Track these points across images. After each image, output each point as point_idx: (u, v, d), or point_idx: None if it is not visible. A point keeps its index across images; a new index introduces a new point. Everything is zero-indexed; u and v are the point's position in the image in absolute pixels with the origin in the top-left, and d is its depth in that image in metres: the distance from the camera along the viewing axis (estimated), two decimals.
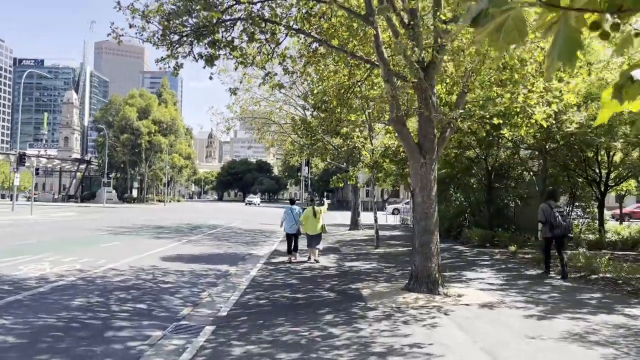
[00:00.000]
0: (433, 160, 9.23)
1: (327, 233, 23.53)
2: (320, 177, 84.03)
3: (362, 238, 21.53)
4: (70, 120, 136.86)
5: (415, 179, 9.24)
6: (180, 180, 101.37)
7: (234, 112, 26.55)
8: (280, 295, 9.31)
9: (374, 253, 15.86)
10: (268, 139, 27.93)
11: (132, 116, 73.51)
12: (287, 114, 27.02)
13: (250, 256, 15.84)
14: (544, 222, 10.99)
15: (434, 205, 9.16)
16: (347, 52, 10.05)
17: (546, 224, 10.95)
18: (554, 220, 10.81)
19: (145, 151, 75.39)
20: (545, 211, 11.02)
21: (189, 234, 22.78)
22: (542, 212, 11.09)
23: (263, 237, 22.56)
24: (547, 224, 10.94)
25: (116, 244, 17.34)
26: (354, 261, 13.98)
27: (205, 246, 18.02)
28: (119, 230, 23.17)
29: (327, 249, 17.14)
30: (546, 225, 10.95)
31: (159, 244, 17.84)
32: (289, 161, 36.69)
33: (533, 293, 9.07)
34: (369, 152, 16.98)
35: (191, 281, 11.08)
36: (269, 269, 12.60)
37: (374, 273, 11.84)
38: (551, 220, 10.83)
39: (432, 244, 9.03)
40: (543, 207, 11.15)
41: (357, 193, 25.57)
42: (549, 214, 10.89)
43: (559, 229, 10.85)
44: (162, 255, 15.07)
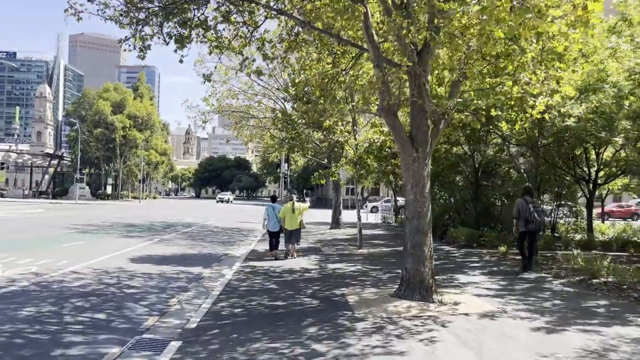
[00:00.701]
0: (426, 154, 8.40)
1: (308, 232, 22.72)
2: (299, 174, 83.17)
3: (344, 237, 20.70)
4: (43, 114, 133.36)
5: (407, 175, 8.40)
6: (157, 176, 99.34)
7: (210, 105, 25.48)
8: (258, 302, 8.39)
9: (358, 254, 15.03)
10: (246, 134, 26.87)
11: (106, 110, 71.42)
12: (267, 108, 26.02)
13: (226, 257, 14.87)
14: (518, 217, 11.37)
15: (427, 204, 8.34)
16: (333, 35, 9.17)
17: (520, 219, 11.29)
18: (528, 216, 11.17)
19: (119, 146, 73.41)
20: (521, 207, 11.34)
21: (162, 232, 21.65)
22: (517, 208, 11.46)
23: (240, 236, 21.57)
24: (521, 219, 11.27)
25: (81, 244, 16.17)
26: (337, 263, 13.12)
27: (178, 246, 16.97)
28: (87, 228, 21.90)
29: (308, 249, 16.27)
30: (520, 220, 11.29)
31: (128, 244, 16.72)
32: (268, 157, 35.72)
33: (535, 300, 8.31)
34: (352, 148, 16.14)
35: (160, 286, 10.09)
36: (245, 272, 11.66)
37: (359, 276, 10.99)
38: (526, 216, 11.19)
39: (426, 246, 8.22)
40: (519, 203, 11.48)
41: (339, 191, 24.73)
42: (524, 210, 11.24)
43: (533, 224, 11.22)
44: (130, 255, 14.00)
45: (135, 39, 8.81)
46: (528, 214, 11.21)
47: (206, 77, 10.62)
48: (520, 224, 11.32)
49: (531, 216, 11.20)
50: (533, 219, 11.21)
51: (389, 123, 8.53)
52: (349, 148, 16.22)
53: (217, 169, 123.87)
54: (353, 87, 12.35)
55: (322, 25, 9.19)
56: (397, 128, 8.43)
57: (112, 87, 77.45)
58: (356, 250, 15.71)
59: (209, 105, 25.38)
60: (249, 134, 27.01)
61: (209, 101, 25.22)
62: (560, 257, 12.55)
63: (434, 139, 8.63)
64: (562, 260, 12.17)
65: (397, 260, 13.63)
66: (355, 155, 15.91)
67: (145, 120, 75.62)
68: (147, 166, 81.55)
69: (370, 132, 15.52)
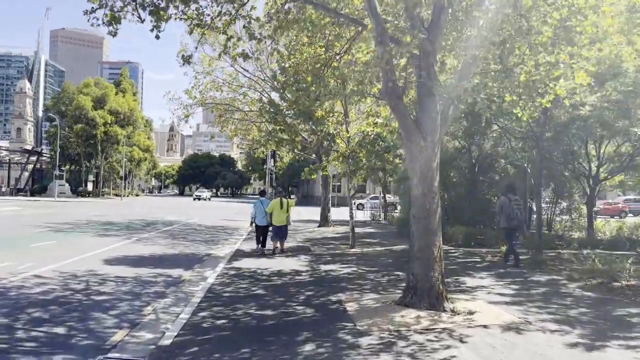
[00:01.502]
0: (435, 143, 7.44)
1: (295, 230, 21.71)
2: (285, 171, 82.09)
3: (333, 236, 19.72)
4: (23, 110, 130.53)
5: (414, 167, 7.43)
6: (139, 174, 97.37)
7: (192, 97, 24.32)
8: (244, 312, 7.35)
9: (351, 254, 14.06)
10: (230, 128, 25.73)
11: (86, 106, 69.43)
12: (252, 101, 24.90)
13: (209, 257, 13.80)
14: (500, 214, 11.83)
15: (436, 200, 7.38)
16: (330, 10, 8.16)
17: (502, 215, 11.73)
18: (511, 212, 11.59)
19: (101, 143, 71.51)
20: (503, 204, 11.79)
21: (141, 231, 20.45)
22: (500, 205, 11.93)
23: (225, 235, 20.48)
24: (503, 215, 11.69)
25: (52, 244, 14.95)
26: (329, 264, 12.12)
27: (158, 245, 15.84)
28: (61, 227, 20.61)
29: (297, 249, 15.26)
30: (502, 216, 11.74)
31: (103, 243, 15.55)
32: (254, 153, 34.54)
33: (558, 308, 7.40)
34: (344, 141, 15.14)
35: (134, 291, 9.00)
36: (230, 275, 10.62)
37: (356, 279, 10.00)
38: (509, 212, 11.60)
39: (435, 248, 7.25)
40: (502, 201, 11.98)
41: (328, 187, 23.73)
42: (507, 206, 11.65)
43: (515, 220, 11.67)
44: (104, 256, 12.85)
45: (105, 10, 7.67)
46: (511, 211, 11.60)
47: (185, 58, 9.51)
48: (503, 220, 11.76)
49: (513, 213, 11.59)
50: (515, 216, 11.62)
51: (393, 108, 7.54)
52: (340, 141, 15.22)
53: (201, 166, 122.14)
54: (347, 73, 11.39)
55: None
56: (402, 114, 7.45)
57: (93, 82, 75.42)
58: (349, 250, 14.74)
59: (191, 98, 24.26)
60: (234, 128, 25.89)
61: (192, 93, 24.10)
62: (570, 257, 11.74)
63: (442, 127, 7.67)
64: (573, 260, 11.33)
65: (394, 261, 12.69)
66: (347, 149, 14.92)
67: (128, 115, 73.75)
68: (129, 163, 79.66)
69: (364, 124, 14.55)
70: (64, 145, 77.11)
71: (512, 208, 11.62)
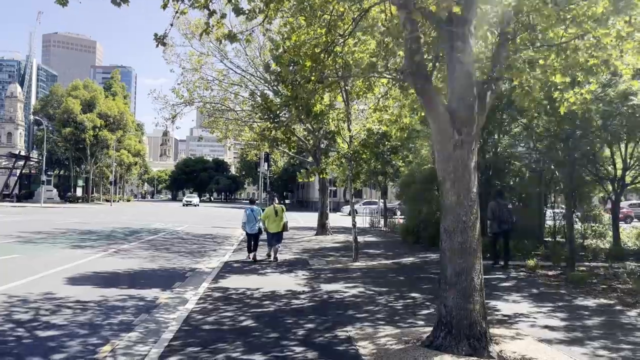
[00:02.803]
0: (473, 137, 5.79)
1: (291, 238, 20.02)
2: (280, 176, 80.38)
3: (333, 246, 18.02)
4: (14, 115, 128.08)
5: (446, 167, 5.77)
6: (130, 178, 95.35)
7: (180, 96, 22.61)
8: (226, 355, 5.66)
9: (355, 268, 12.37)
10: (222, 129, 24.02)
11: (75, 109, 67.48)
12: (244, 101, 23.23)
13: (192, 273, 12.09)
14: (493, 219, 12.10)
15: (475, 209, 5.72)
16: None
17: (495, 220, 12.07)
18: (502, 216, 11.98)
19: (90, 147, 69.54)
20: (494, 209, 12.16)
21: (122, 241, 18.65)
22: (491, 210, 12.20)
23: (213, 245, 18.74)
24: (495, 220, 12.05)
25: (13, 258, 13.17)
26: (332, 282, 10.42)
27: (136, 258, 14.09)
28: (32, 237, 18.79)
29: (293, 262, 13.58)
30: (495, 221, 12.08)
31: (75, 256, 13.78)
32: (247, 155, 32.82)
33: (633, 349, 5.74)
34: (345, 140, 13.48)
35: (93, 322, 7.28)
36: (214, 297, 8.91)
37: (365, 304, 8.31)
38: (500, 216, 11.98)
39: (474, 273, 5.59)
40: (492, 205, 12.28)
41: (326, 192, 22.01)
42: (498, 211, 12.04)
43: (506, 224, 12.05)
44: (71, 273, 11.10)
45: None
46: (502, 215, 12.01)
47: (159, 38, 7.80)
48: (495, 225, 12.14)
49: (504, 217, 12.00)
50: (506, 220, 12.02)
51: (419, 91, 5.88)
52: (341, 141, 13.55)
53: (194, 171, 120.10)
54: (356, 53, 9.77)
55: None
56: (430, 99, 5.79)
57: (82, 85, 73.49)
58: (352, 264, 13.05)
59: (178, 97, 22.55)
60: (225, 129, 24.18)
61: (179, 92, 22.40)
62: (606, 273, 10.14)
63: (480, 116, 6.01)
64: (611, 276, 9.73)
65: (406, 278, 11.02)
66: (350, 150, 13.26)
67: (118, 119, 71.79)
68: (119, 168, 77.69)
69: (369, 121, 12.90)
70: (52, 149, 75.08)
71: (504, 212, 12.05)
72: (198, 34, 20.80)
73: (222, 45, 20.97)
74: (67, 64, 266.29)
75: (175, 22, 19.56)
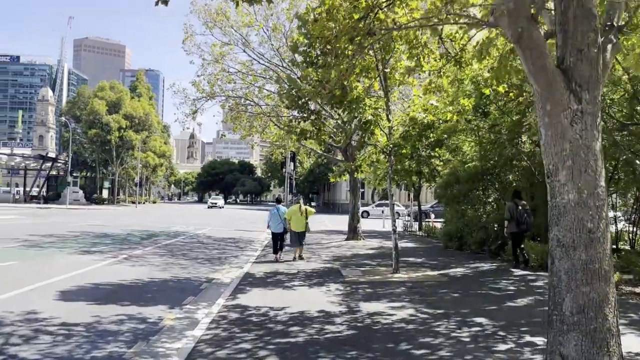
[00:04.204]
0: (597, 106, 3.94)
1: (319, 243, 18.30)
2: (305, 177, 78.83)
3: (367, 252, 16.20)
4: (45, 118, 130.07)
5: (558, 151, 3.94)
6: (156, 180, 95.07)
7: (201, 90, 21.15)
8: None
9: (397, 282, 10.51)
10: (245, 126, 22.46)
11: (101, 110, 67.11)
12: (269, 96, 21.62)
13: (209, 285, 10.45)
14: (510, 220, 11.94)
15: (605, 213, 3.87)
16: None
17: (512, 221, 11.89)
18: (519, 217, 11.80)
19: (116, 148, 69.11)
20: (511, 209, 11.98)
21: (136, 245, 17.15)
22: (509, 210, 12.05)
23: (235, 250, 17.12)
24: (513, 221, 11.87)
25: (9, 265, 11.73)
26: (372, 300, 8.61)
27: (148, 266, 12.54)
28: (42, 240, 17.44)
29: (323, 272, 11.84)
30: (512, 222, 11.90)
31: (79, 264, 12.29)
32: (272, 155, 31.30)
33: None
34: (384, 132, 11.66)
35: (72, 356, 5.65)
36: (230, 319, 7.22)
37: (421, 334, 6.47)
38: (517, 217, 11.81)
39: (609, 308, 3.73)
40: (510, 206, 12.14)
41: (357, 193, 20.17)
42: (515, 212, 11.87)
43: (524, 225, 11.90)
44: (67, 285, 9.56)
45: None
46: (519, 216, 11.83)
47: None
48: (512, 225, 11.94)
49: (522, 218, 11.84)
50: (524, 221, 11.85)
51: (519, 38, 4.03)
52: (379, 133, 11.74)
53: (220, 173, 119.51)
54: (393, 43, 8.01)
55: None
56: (536, 48, 3.95)
57: (108, 86, 73.18)
58: (392, 275, 11.20)
59: (199, 91, 21.10)
60: (249, 126, 22.62)
61: (199, 86, 20.94)
62: None
63: (603, 77, 4.14)
64: None
65: (462, 296, 9.12)
66: (389, 143, 11.43)
67: (143, 120, 71.24)
68: (144, 169, 77.23)
69: (415, 106, 11.07)
70: (79, 151, 75.06)
71: (521, 213, 11.89)
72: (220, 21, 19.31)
73: (244, 33, 19.42)
74: (97, 68, 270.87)
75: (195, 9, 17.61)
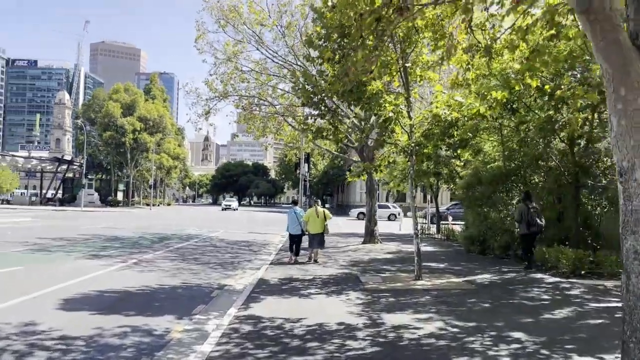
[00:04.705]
0: None
1: (336, 247, 17.66)
2: (319, 179, 78.28)
3: (385, 257, 15.52)
4: (62, 121, 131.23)
5: (634, 143, 3.26)
6: (171, 182, 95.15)
7: (213, 90, 20.66)
8: None
9: (420, 289, 9.83)
10: (258, 127, 21.93)
11: (115, 112, 67.26)
12: (283, 95, 21.07)
13: (220, 292, 9.88)
14: (520, 221, 12.22)
15: None
16: None
17: (523, 223, 12.15)
18: (530, 219, 11.98)
19: (130, 151, 69.18)
20: (522, 211, 12.21)
21: (147, 249, 16.65)
22: (520, 212, 12.29)
23: (249, 254, 16.55)
24: (524, 223, 12.13)
25: (12, 271, 11.26)
26: (396, 310, 7.94)
27: (157, 271, 12.01)
28: (51, 244, 17.02)
29: (341, 278, 11.20)
30: (523, 223, 12.15)
31: (86, 269, 11.79)
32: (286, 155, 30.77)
33: None
34: (405, 130, 11.00)
35: None
36: (242, 333, 6.62)
37: (454, 352, 5.79)
38: (528, 219, 12.02)
39: None
40: (521, 208, 12.37)
41: (374, 194, 19.48)
42: (526, 214, 12.07)
43: (535, 227, 12.07)
44: (71, 293, 9.03)
45: None
46: (530, 218, 12.02)
47: None
48: (523, 227, 12.19)
49: (533, 220, 12.00)
50: (535, 223, 12.02)
51: (586, 9, 3.37)
52: (399, 131, 11.08)
53: (234, 175, 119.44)
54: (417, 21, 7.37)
55: None
56: (608, 18, 3.29)
57: (123, 88, 73.37)
58: (415, 282, 10.51)
59: (212, 90, 20.60)
60: (262, 126, 22.09)
61: (212, 84, 20.44)
62: None
63: None
64: None
65: (493, 306, 8.41)
66: (411, 142, 10.76)
67: (157, 122, 71.27)
68: (159, 171, 77.24)
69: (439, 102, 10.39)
70: (94, 153, 75.31)
71: (532, 215, 12.04)
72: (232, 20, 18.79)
73: (258, 31, 18.87)
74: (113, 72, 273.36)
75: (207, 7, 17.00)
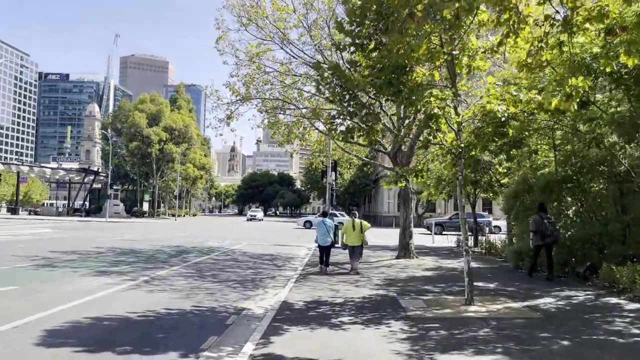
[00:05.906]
0: None
1: (367, 262, 16.02)
2: (346, 189, 76.64)
3: (424, 274, 13.84)
4: (92, 133, 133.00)
5: None
6: (196, 193, 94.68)
7: (236, 94, 19.36)
8: None
9: (475, 318, 8.15)
10: (283, 133, 20.54)
11: (141, 123, 67.00)
12: (310, 99, 19.67)
13: (237, 318, 8.40)
14: (536, 232, 12.34)
15: None
16: None
17: (537, 234, 12.30)
18: (545, 230, 12.19)
19: (156, 161, 68.80)
20: (537, 222, 12.39)
21: (162, 264, 15.28)
22: (535, 223, 12.46)
23: (272, 269, 15.06)
24: (538, 234, 12.28)
25: (6, 291, 9.97)
26: (452, 350, 6.28)
27: (169, 291, 10.60)
28: (60, 257, 15.82)
29: (377, 302, 9.59)
30: (537, 234, 12.30)
31: (88, 289, 10.45)
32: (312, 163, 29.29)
33: None
34: (452, 128, 9.38)
35: None
36: None
37: None
38: (543, 230, 12.23)
39: None
40: (535, 219, 12.51)
41: (408, 204, 17.76)
42: (541, 225, 12.28)
43: (550, 238, 12.22)
44: (59, 321, 7.65)
45: None
46: (545, 229, 12.16)
47: None
48: (537, 238, 12.27)
49: (547, 230, 12.15)
50: (550, 233, 12.15)
51: None
52: (446, 128, 9.46)
53: (260, 185, 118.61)
54: None
55: None
56: None
57: (149, 99, 73.28)
58: (466, 308, 8.84)
59: (234, 93, 19.32)
60: (287, 131, 20.69)
61: (234, 87, 19.16)
62: None
63: None
64: None
65: (574, 344, 6.63)
66: (460, 143, 9.15)
67: (182, 132, 70.83)
68: (184, 181, 76.72)
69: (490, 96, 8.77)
70: (120, 164, 75.31)
71: (546, 225, 12.16)
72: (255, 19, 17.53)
73: (282, 28, 17.52)
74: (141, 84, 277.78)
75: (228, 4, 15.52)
